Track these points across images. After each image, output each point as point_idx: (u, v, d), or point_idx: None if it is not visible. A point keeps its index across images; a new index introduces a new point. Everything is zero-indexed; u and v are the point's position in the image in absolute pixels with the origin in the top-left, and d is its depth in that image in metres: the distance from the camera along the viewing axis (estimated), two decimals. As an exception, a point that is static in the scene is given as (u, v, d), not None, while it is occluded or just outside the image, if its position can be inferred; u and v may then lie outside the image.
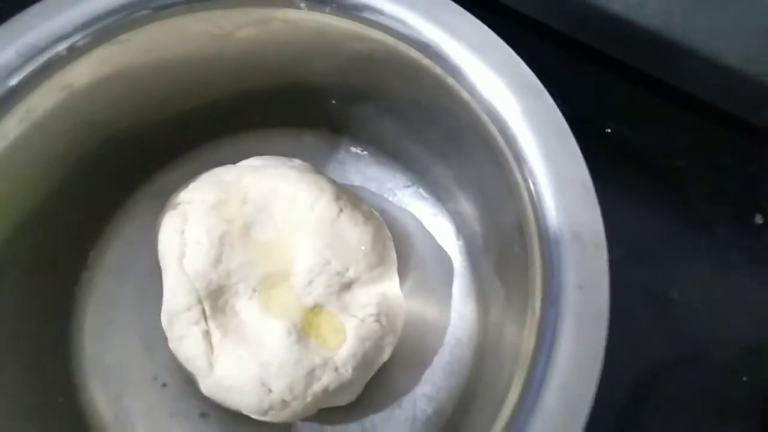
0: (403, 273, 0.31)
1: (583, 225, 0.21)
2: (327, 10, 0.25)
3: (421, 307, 0.32)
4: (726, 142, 0.37)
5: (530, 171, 0.22)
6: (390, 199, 0.34)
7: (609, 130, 0.37)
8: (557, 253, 0.21)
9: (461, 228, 0.33)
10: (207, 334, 0.27)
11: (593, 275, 0.20)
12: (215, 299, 0.28)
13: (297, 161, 0.31)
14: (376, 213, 0.31)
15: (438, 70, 0.25)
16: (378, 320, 0.28)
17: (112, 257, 0.33)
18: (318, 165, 0.33)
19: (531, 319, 0.22)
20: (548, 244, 0.21)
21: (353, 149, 0.35)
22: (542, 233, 0.21)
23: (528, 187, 0.22)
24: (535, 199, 0.22)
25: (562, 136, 0.22)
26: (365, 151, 0.35)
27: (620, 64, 0.37)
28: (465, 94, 0.24)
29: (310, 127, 0.35)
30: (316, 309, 0.28)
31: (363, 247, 0.28)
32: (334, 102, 0.33)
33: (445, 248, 0.33)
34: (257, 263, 0.28)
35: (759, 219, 0.35)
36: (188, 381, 0.30)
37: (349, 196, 0.29)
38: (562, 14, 0.37)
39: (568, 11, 0.36)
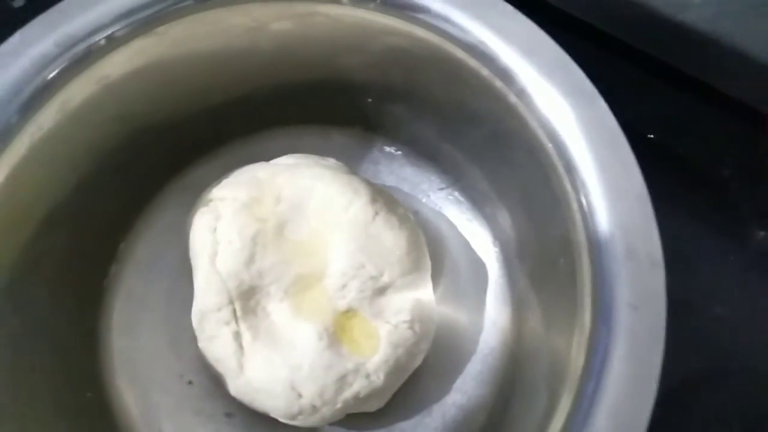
0: (435, 278, 0.31)
1: (638, 240, 0.20)
2: (371, 6, 0.25)
3: (454, 314, 0.31)
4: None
5: (582, 181, 0.21)
6: (423, 201, 0.34)
7: (651, 136, 0.36)
8: (609, 269, 0.20)
9: (497, 234, 0.32)
10: (237, 335, 0.27)
11: (649, 294, 0.19)
12: (247, 300, 0.27)
13: (331, 160, 0.30)
14: (412, 216, 0.30)
15: (485, 72, 0.24)
16: (411, 327, 0.27)
17: (142, 251, 0.32)
18: (350, 163, 0.32)
19: (579, 336, 0.21)
20: (600, 259, 0.20)
21: (387, 149, 0.34)
22: (593, 247, 0.20)
23: (578, 198, 0.21)
24: (586, 211, 0.21)
25: (617, 144, 0.21)
26: (399, 150, 0.34)
27: (665, 67, 0.36)
28: (513, 98, 0.23)
29: (343, 125, 0.34)
30: (349, 313, 0.27)
31: (398, 252, 0.27)
32: (370, 100, 0.32)
33: (480, 254, 0.32)
34: (290, 264, 0.27)
35: (806, 231, 0.34)
36: (214, 380, 0.29)
37: (384, 199, 0.29)
38: (606, 13, 0.35)
39: (612, 10, 0.34)
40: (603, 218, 0.20)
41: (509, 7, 0.24)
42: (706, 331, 0.33)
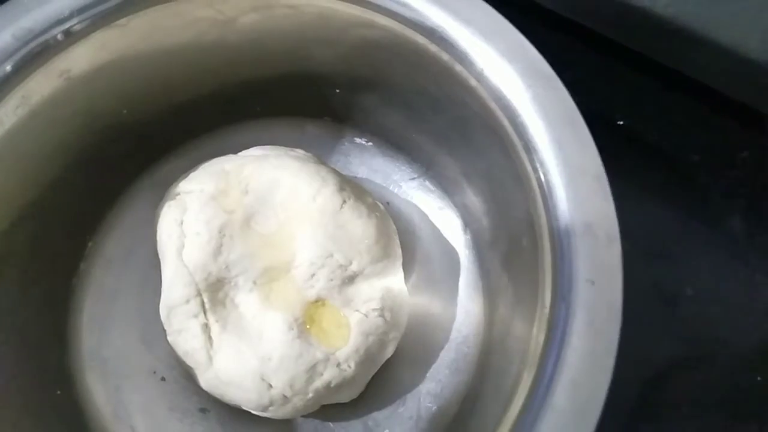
0: (408, 267, 0.31)
1: (595, 217, 0.20)
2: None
3: (426, 302, 0.31)
4: (743, 136, 0.36)
5: (541, 161, 0.21)
6: (395, 191, 0.34)
7: (621, 123, 0.36)
8: (568, 246, 0.20)
9: (468, 221, 0.32)
10: (206, 327, 0.27)
11: (606, 269, 0.20)
12: (215, 292, 0.27)
13: (299, 151, 0.30)
14: (381, 205, 0.30)
15: (445, 57, 0.24)
16: (382, 315, 0.27)
17: (111, 248, 0.32)
18: (321, 156, 0.32)
19: (540, 314, 0.21)
20: (559, 236, 0.20)
21: (357, 140, 0.35)
22: (553, 225, 0.21)
23: (538, 178, 0.22)
24: (546, 190, 0.21)
25: (575, 124, 0.21)
26: (370, 142, 0.34)
27: (633, 54, 0.36)
28: (473, 81, 0.23)
29: (313, 117, 0.34)
30: (318, 303, 0.27)
31: (367, 240, 0.27)
32: (337, 91, 0.32)
33: (452, 242, 0.32)
34: (258, 255, 0.27)
35: (776, 215, 0.34)
36: (187, 375, 0.29)
37: (352, 188, 0.29)
38: (574, 2, 0.36)
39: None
40: (561, 196, 0.21)
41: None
42: (677, 314, 0.33)
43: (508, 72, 0.22)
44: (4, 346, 0.26)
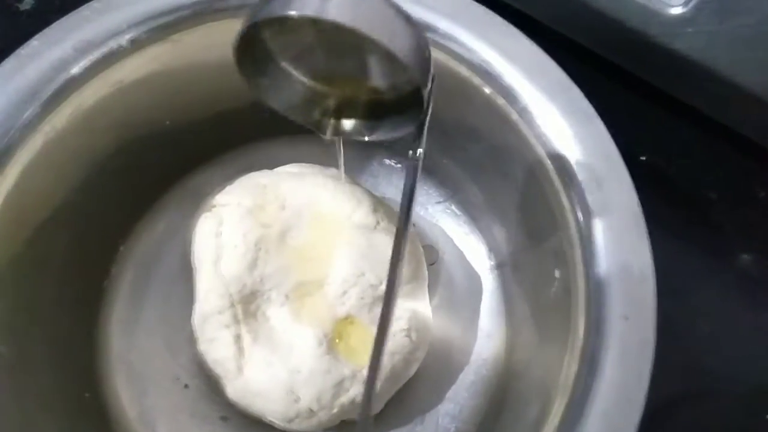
0: (431, 289, 0.31)
1: (631, 255, 0.21)
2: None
3: (448, 324, 0.32)
4: (760, 176, 0.37)
5: (579, 198, 0.22)
6: (421, 213, 0.34)
7: (644, 158, 0.37)
8: (604, 283, 0.21)
9: (493, 247, 0.33)
10: (238, 337, 0.27)
11: (640, 306, 0.20)
12: (248, 304, 0.27)
13: (333, 170, 0.31)
14: (412, 227, 0.31)
15: (487, 90, 0.25)
16: (408, 335, 0.28)
17: (142, 254, 0.33)
18: (350, 175, 0.33)
19: (572, 345, 0.22)
20: (595, 273, 0.21)
21: (387, 161, 0.35)
22: (589, 261, 0.21)
23: (576, 214, 0.22)
24: (583, 226, 0.22)
25: (614, 163, 0.22)
26: (399, 164, 0.35)
27: (658, 92, 0.37)
28: (515, 116, 0.24)
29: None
30: (347, 320, 0.28)
31: (397, 261, 0.28)
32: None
33: (475, 266, 0.33)
34: (291, 270, 0.28)
35: (790, 257, 0.35)
36: (210, 383, 0.29)
37: (385, 210, 0.29)
38: (602, 38, 0.37)
39: (608, 36, 0.36)
40: (599, 234, 0.21)
41: (513, 29, 0.25)
42: (689, 349, 0.34)
43: (551, 109, 0.23)
44: (39, 347, 0.27)
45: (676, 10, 0.31)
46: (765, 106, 0.32)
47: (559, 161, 0.23)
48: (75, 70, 0.24)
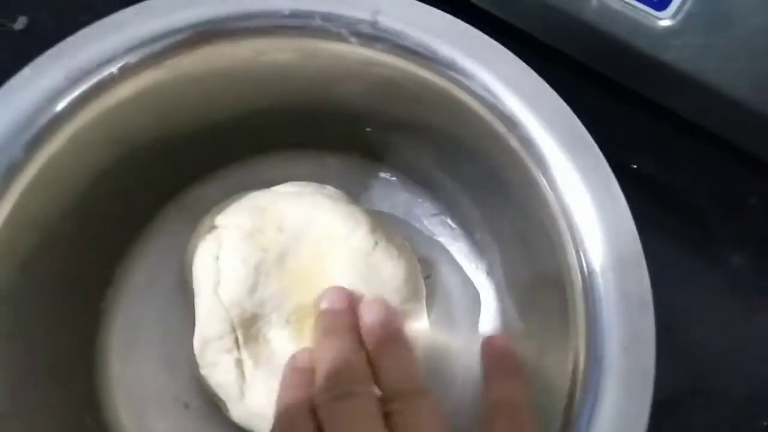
0: (428, 304, 0.32)
1: (630, 283, 0.21)
2: (379, 47, 0.25)
3: (446, 338, 0.32)
4: (752, 184, 0.37)
5: (578, 225, 0.22)
6: (417, 226, 0.35)
7: (635, 167, 0.38)
8: (603, 311, 0.21)
9: (489, 261, 0.33)
10: (239, 362, 0.27)
11: (640, 335, 0.21)
12: (248, 327, 0.28)
13: (330, 188, 0.31)
14: (409, 246, 0.31)
15: (488, 116, 0.25)
16: (408, 354, 0.28)
17: (138, 273, 0.32)
18: (344, 187, 0.33)
19: (571, 371, 0.22)
20: (594, 300, 0.21)
21: (382, 174, 0.35)
22: (588, 289, 0.22)
23: (573, 239, 0.23)
24: (582, 254, 0.22)
25: (613, 193, 0.22)
26: (394, 177, 0.35)
27: (649, 102, 0.37)
28: (514, 143, 0.24)
29: (340, 150, 0.35)
30: (348, 341, 0.28)
31: (396, 282, 0.28)
32: (369, 129, 0.33)
33: (472, 280, 0.33)
34: (291, 293, 0.28)
35: (783, 262, 0.36)
36: (210, 404, 0.30)
37: (383, 228, 0.29)
38: (588, 49, 0.37)
39: (594, 46, 0.36)
40: (597, 260, 0.22)
41: (514, 57, 0.25)
42: (682, 354, 0.34)
43: (550, 139, 0.23)
44: (37, 372, 0.26)
45: (665, 23, 0.31)
46: (754, 116, 0.33)
47: (558, 189, 0.23)
48: (68, 99, 0.24)
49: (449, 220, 0.34)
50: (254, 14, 0.26)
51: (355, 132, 0.33)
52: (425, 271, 0.33)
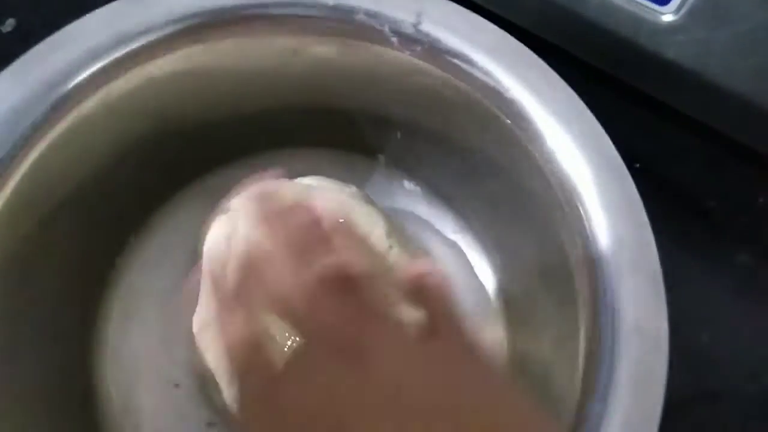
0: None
1: (646, 318, 0.20)
2: (418, 49, 0.25)
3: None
4: (760, 183, 0.36)
5: (598, 254, 0.22)
6: (435, 239, 0.34)
7: (638, 165, 0.36)
8: (615, 346, 0.20)
9: (505, 282, 0.32)
10: (235, 346, 0.27)
11: (649, 373, 0.20)
12: (249, 313, 0.27)
13: (353, 188, 0.31)
14: (423, 254, 0.30)
15: (517, 131, 0.24)
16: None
17: (151, 247, 0.32)
18: (367, 190, 0.33)
19: (576, 402, 0.21)
20: (607, 333, 0.20)
21: (406, 183, 0.35)
22: (601, 320, 0.21)
23: (592, 266, 0.22)
24: (599, 283, 0.21)
25: (638, 220, 0.22)
26: (418, 186, 0.35)
27: (653, 99, 0.36)
28: (541, 160, 0.24)
29: (367, 154, 0.35)
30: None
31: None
32: (398, 135, 0.32)
33: (487, 298, 0.32)
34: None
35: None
36: (200, 387, 0.29)
37: (399, 234, 0.29)
38: (591, 46, 0.35)
39: (596, 43, 0.34)
40: (616, 293, 0.21)
41: (550, 71, 0.24)
42: (691, 355, 0.33)
43: (579, 158, 0.23)
44: (38, 329, 0.26)
45: (668, 18, 0.30)
46: (760, 113, 0.32)
47: (581, 212, 0.22)
48: (107, 60, 0.24)
49: (470, 238, 0.34)
50: (300, 3, 0.26)
51: (384, 136, 0.33)
52: None
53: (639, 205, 0.22)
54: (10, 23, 0.37)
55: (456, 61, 0.25)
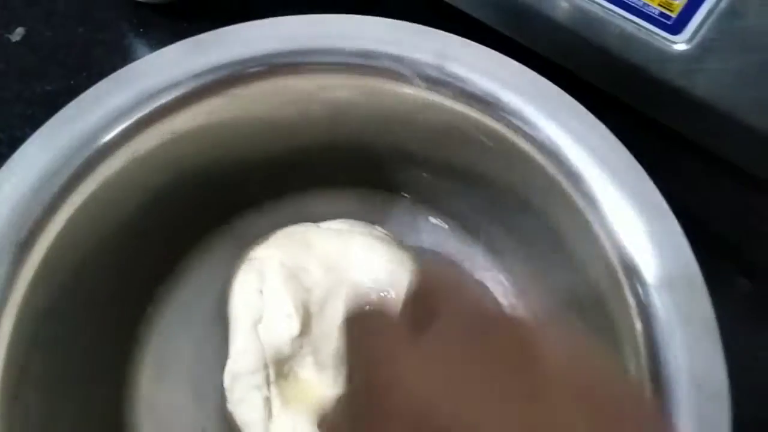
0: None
1: (703, 371, 0.19)
2: (449, 93, 0.25)
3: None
4: (765, 211, 0.35)
5: (646, 299, 0.21)
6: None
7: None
8: (671, 401, 0.19)
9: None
10: (268, 401, 0.26)
11: (712, 427, 0.19)
12: (281, 365, 0.27)
13: (379, 230, 0.30)
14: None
15: (551, 169, 0.24)
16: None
17: (179, 296, 0.32)
18: (394, 229, 0.32)
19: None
20: (662, 389, 0.19)
21: (433, 220, 0.34)
22: (656, 375, 0.20)
23: (640, 316, 0.21)
24: (648, 331, 0.20)
25: (689, 269, 0.21)
26: (445, 224, 0.34)
27: (663, 127, 0.35)
28: (579, 202, 0.23)
29: (392, 192, 0.34)
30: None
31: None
32: (425, 174, 0.32)
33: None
34: (330, 337, 0.27)
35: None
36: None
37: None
38: (603, 73, 0.34)
39: (609, 70, 0.34)
40: (668, 345, 0.20)
41: (582, 108, 0.24)
42: None
43: (621, 201, 0.22)
44: (70, 381, 0.26)
45: (681, 47, 0.30)
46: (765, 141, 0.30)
47: (627, 258, 0.21)
48: (132, 119, 0.24)
49: (501, 277, 0.33)
50: (323, 50, 0.26)
51: (410, 175, 0.33)
52: None
53: (686, 247, 0.21)
54: (18, 32, 0.36)
55: (486, 104, 0.24)
